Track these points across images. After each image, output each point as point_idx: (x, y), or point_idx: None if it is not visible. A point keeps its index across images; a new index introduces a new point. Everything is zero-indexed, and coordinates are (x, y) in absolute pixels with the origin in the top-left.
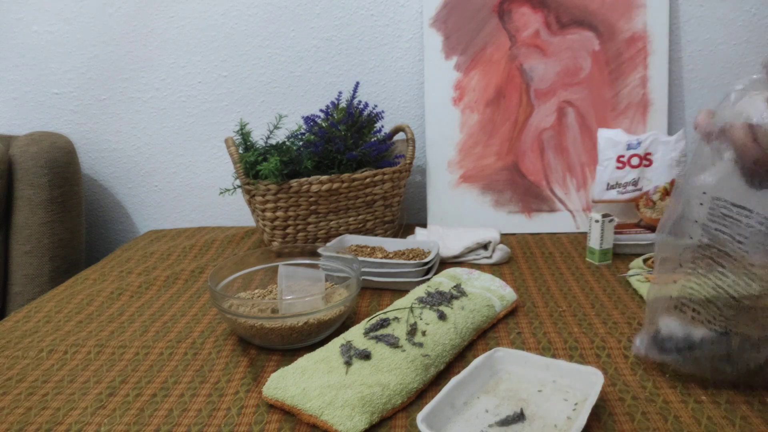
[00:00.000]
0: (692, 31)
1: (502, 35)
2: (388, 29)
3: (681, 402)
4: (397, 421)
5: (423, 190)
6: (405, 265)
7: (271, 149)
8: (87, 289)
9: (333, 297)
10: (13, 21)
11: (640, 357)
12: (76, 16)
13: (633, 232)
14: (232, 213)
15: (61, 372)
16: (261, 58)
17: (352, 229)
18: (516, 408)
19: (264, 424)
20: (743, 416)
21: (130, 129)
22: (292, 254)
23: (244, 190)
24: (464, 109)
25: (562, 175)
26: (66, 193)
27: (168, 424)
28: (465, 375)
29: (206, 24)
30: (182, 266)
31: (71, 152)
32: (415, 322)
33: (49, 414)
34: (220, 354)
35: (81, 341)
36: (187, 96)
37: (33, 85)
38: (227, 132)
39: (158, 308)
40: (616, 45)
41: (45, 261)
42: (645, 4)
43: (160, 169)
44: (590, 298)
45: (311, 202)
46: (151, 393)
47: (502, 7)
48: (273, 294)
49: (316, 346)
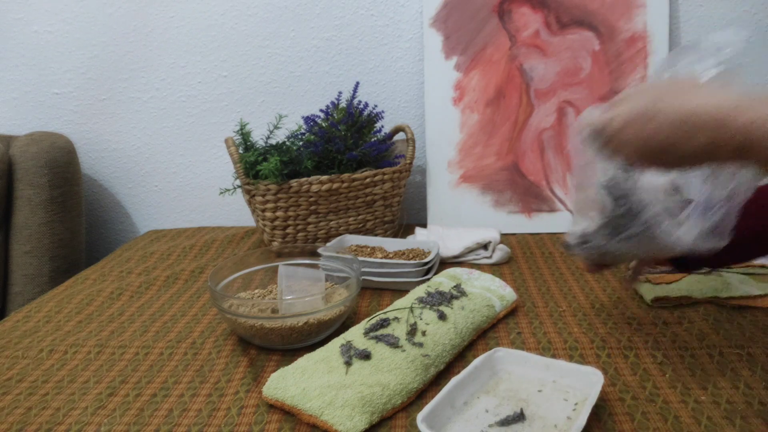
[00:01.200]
0: (692, 31)
1: (502, 35)
2: (388, 29)
3: (681, 402)
4: (397, 421)
5: (423, 190)
6: (405, 265)
7: (271, 149)
8: (87, 289)
9: (333, 297)
10: (13, 21)
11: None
12: (76, 16)
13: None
14: (232, 213)
15: (61, 372)
16: (261, 58)
17: (352, 229)
18: (516, 408)
19: (264, 424)
20: (743, 416)
21: (130, 129)
22: (292, 254)
23: (244, 190)
24: (464, 109)
25: (562, 175)
26: (66, 193)
27: (168, 424)
28: (465, 375)
29: (206, 24)
30: (182, 266)
31: (71, 152)
32: (415, 322)
33: (49, 414)
34: (220, 354)
35: (81, 341)
36: (187, 96)
37: (33, 85)
38: (227, 132)
39: (158, 308)
40: (616, 45)
41: (45, 261)
42: (645, 4)
43: (160, 169)
44: (590, 298)
45: (311, 202)
46: (151, 393)
47: (502, 7)
48: (273, 294)
49: (316, 346)
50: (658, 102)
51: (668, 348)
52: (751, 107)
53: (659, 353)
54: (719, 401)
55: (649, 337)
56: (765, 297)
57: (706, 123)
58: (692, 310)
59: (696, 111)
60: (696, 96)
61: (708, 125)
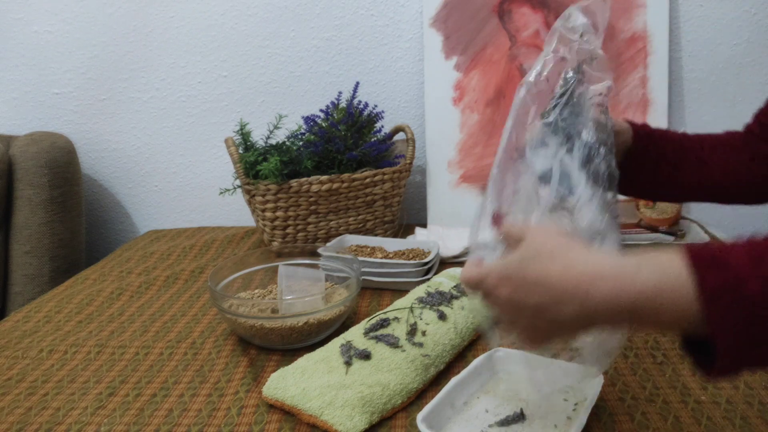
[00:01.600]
0: (692, 31)
1: (502, 35)
2: (388, 29)
3: (681, 402)
4: (397, 421)
5: (423, 190)
6: (405, 265)
7: (271, 149)
8: (87, 289)
9: (333, 297)
10: (13, 21)
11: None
12: (76, 16)
13: (633, 232)
14: (232, 213)
15: (61, 372)
16: (261, 58)
17: (352, 229)
18: (516, 408)
19: (264, 424)
20: (743, 416)
21: (130, 129)
22: (292, 254)
23: (244, 190)
24: (464, 109)
25: None
26: (66, 193)
27: (168, 424)
28: (465, 375)
29: (206, 24)
30: (182, 266)
31: (71, 152)
32: (415, 322)
33: (49, 414)
34: (220, 354)
35: (81, 341)
36: (187, 96)
37: (33, 85)
38: (227, 132)
39: (158, 308)
40: (616, 45)
41: (45, 261)
42: (645, 4)
43: (160, 169)
44: None
45: (311, 202)
46: (151, 393)
47: (502, 7)
48: (273, 294)
49: (316, 346)
50: (526, 263)
51: (668, 348)
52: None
53: (659, 353)
54: (719, 401)
55: (649, 337)
56: None
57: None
58: None
59: (564, 278)
60: (562, 260)
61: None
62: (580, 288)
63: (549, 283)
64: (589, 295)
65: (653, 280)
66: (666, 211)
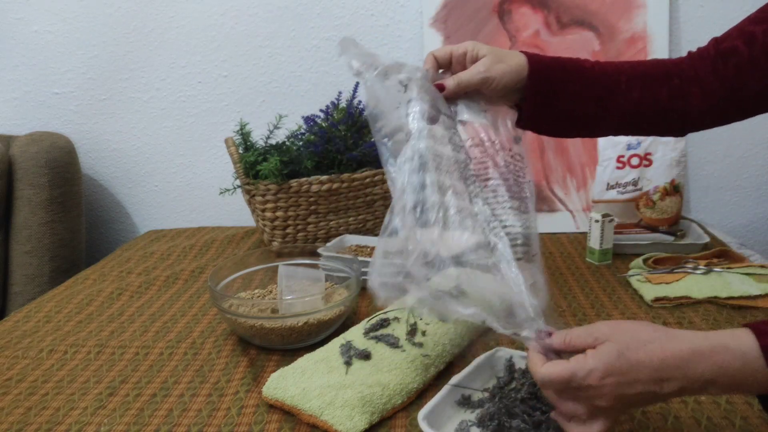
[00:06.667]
0: (692, 31)
1: (502, 35)
2: (388, 29)
3: (681, 402)
4: (397, 421)
5: None
6: None
7: (271, 149)
8: (87, 289)
9: (333, 297)
10: (13, 21)
11: None
12: (76, 16)
13: (633, 232)
14: (232, 213)
15: (61, 372)
16: (261, 58)
17: (352, 229)
18: None
19: (264, 424)
20: (743, 416)
21: (130, 129)
22: (292, 254)
23: (244, 190)
24: None
25: (562, 175)
26: (66, 193)
27: (168, 424)
28: (465, 375)
29: (206, 24)
30: (182, 266)
31: (71, 152)
32: (415, 322)
33: (49, 414)
34: (220, 354)
35: (81, 341)
36: (187, 96)
37: (33, 85)
38: (227, 132)
39: (158, 308)
40: (616, 45)
41: (45, 261)
42: (645, 4)
43: (160, 169)
44: (590, 298)
45: (311, 202)
46: (151, 393)
47: (502, 8)
48: (273, 294)
49: (316, 346)
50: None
51: None
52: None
53: None
54: (719, 401)
55: None
56: (765, 297)
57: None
58: (692, 310)
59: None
60: (660, 343)
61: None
62: (682, 365)
63: (654, 365)
64: (690, 371)
65: (737, 363)
66: (666, 211)
